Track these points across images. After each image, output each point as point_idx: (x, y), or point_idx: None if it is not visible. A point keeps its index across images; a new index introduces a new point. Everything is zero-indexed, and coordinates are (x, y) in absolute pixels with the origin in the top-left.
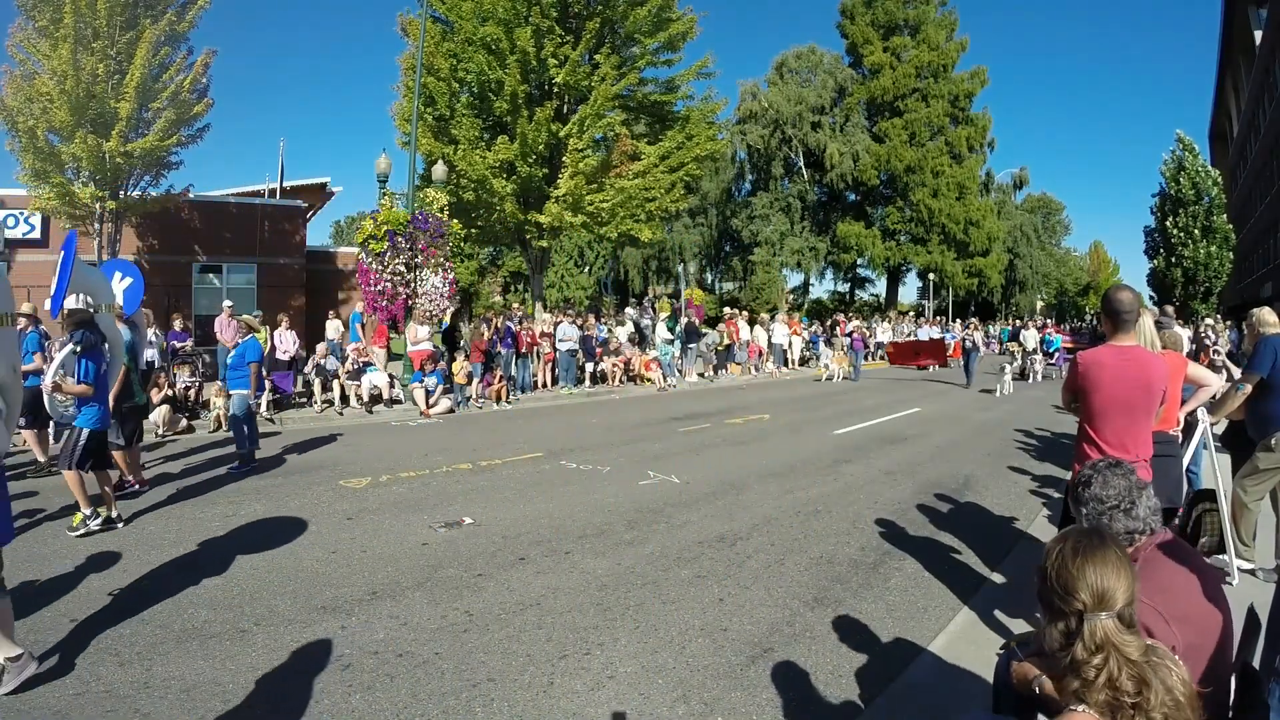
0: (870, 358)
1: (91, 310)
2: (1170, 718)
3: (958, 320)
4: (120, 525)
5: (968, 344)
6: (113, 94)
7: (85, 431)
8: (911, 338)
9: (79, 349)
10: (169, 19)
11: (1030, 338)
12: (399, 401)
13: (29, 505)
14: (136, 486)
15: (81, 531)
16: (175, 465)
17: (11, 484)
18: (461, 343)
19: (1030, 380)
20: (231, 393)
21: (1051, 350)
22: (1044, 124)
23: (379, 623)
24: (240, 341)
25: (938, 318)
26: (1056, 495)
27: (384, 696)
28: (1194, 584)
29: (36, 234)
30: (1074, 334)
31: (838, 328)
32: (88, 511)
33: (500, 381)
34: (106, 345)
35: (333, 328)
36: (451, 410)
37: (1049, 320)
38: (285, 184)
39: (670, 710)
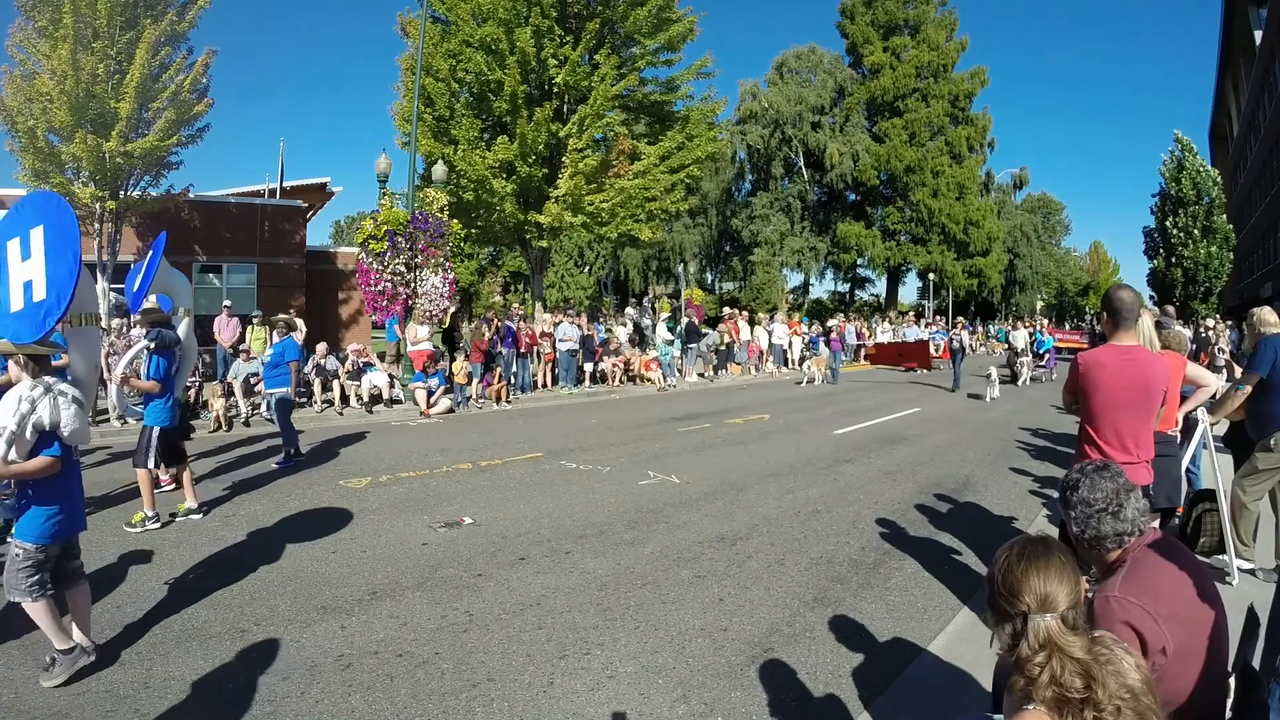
0: (868, 359)
1: (169, 311)
2: (1126, 708)
3: (958, 320)
4: (200, 515)
5: (955, 345)
6: (113, 94)
7: (156, 429)
8: (899, 338)
9: (153, 346)
10: (169, 19)
11: (1019, 338)
12: (399, 401)
13: None
14: (170, 486)
15: (140, 530)
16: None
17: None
18: (461, 343)
19: (1019, 385)
20: (271, 391)
21: (1042, 351)
22: (1044, 124)
23: (379, 623)
24: (278, 341)
25: (938, 317)
26: (1056, 495)
27: (384, 696)
28: (1184, 583)
29: None
30: (1084, 334)
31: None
32: (150, 513)
33: (500, 381)
34: (180, 346)
35: (257, 339)
36: (451, 410)
37: (1048, 319)
38: (285, 184)
39: (670, 710)
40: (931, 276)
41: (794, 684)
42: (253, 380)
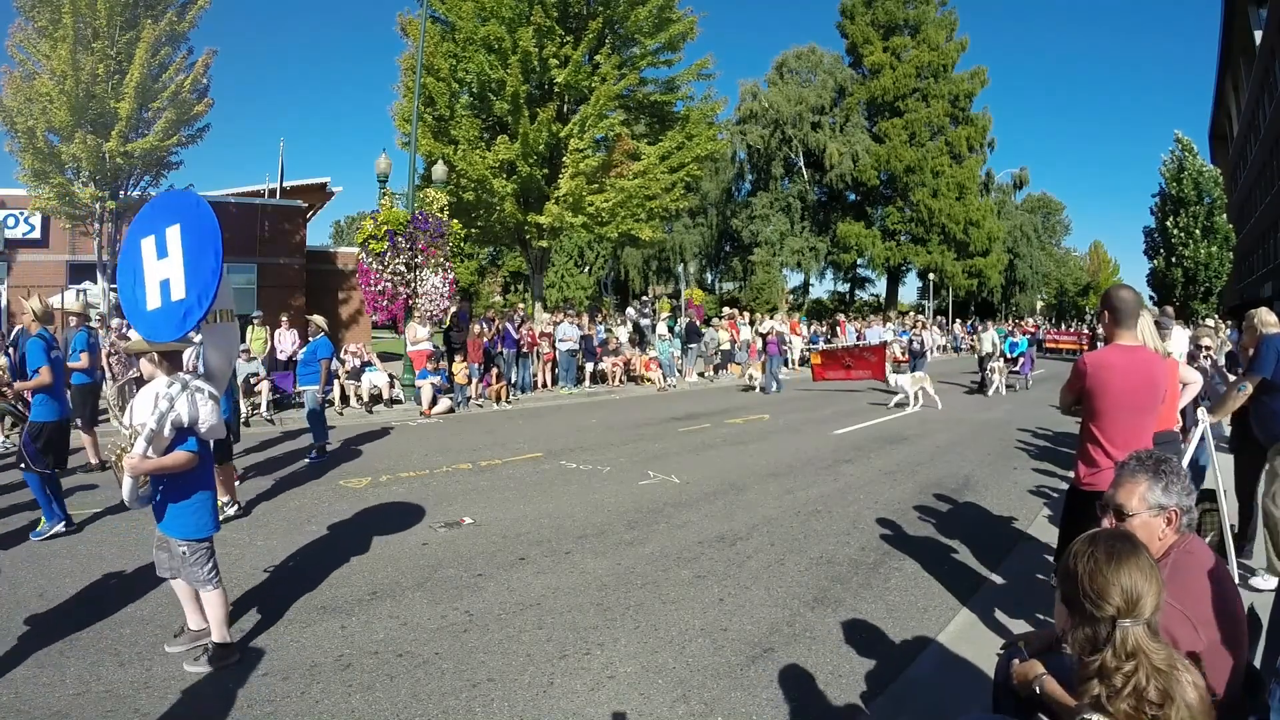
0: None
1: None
2: None
3: (918, 319)
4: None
5: (915, 347)
6: (113, 94)
7: None
8: (860, 340)
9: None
10: (169, 19)
11: (986, 340)
12: (399, 401)
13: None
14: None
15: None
16: None
17: (65, 480)
18: (461, 343)
19: (989, 394)
20: (303, 389)
21: (1016, 355)
22: (1044, 124)
23: (379, 623)
24: (311, 340)
25: (938, 317)
26: (1056, 496)
27: (384, 696)
28: (1219, 586)
29: (36, 234)
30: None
31: (838, 328)
32: (226, 498)
33: (500, 381)
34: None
35: (257, 339)
36: (451, 410)
37: (1046, 320)
38: (285, 184)
39: (670, 710)
40: (931, 276)
41: (794, 684)
42: (252, 380)
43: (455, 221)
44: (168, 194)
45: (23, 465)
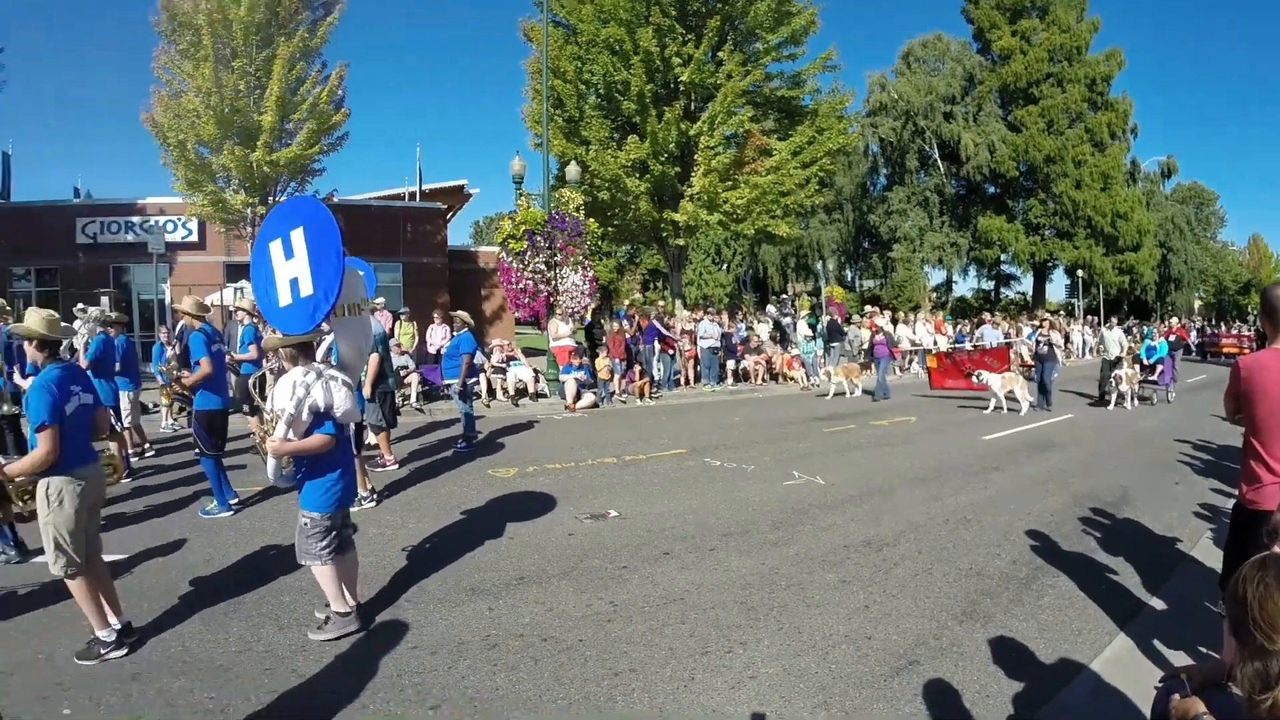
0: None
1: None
2: None
3: (1045, 317)
4: (375, 502)
5: (1041, 349)
6: (255, 108)
7: None
8: (978, 343)
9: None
10: (301, 36)
11: (1114, 341)
12: (544, 395)
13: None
14: (393, 465)
15: (357, 507)
16: None
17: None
18: (603, 339)
19: (1110, 408)
20: (449, 382)
21: (1153, 361)
22: (1188, 108)
23: (525, 607)
24: (455, 335)
25: (1089, 317)
26: (1224, 517)
27: (527, 677)
28: None
29: (194, 238)
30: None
31: (983, 328)
32: (364, 493)
33: (643, 378)
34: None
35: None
36: (595, 405)
37: (1206, 320)
38: (424, 187)
39: (811, 715)
40: (1080, 273)
41: (939, 700)
42: (402, 373)
43: (591, 220)
44: (289, 200)
45: (198, 451)
